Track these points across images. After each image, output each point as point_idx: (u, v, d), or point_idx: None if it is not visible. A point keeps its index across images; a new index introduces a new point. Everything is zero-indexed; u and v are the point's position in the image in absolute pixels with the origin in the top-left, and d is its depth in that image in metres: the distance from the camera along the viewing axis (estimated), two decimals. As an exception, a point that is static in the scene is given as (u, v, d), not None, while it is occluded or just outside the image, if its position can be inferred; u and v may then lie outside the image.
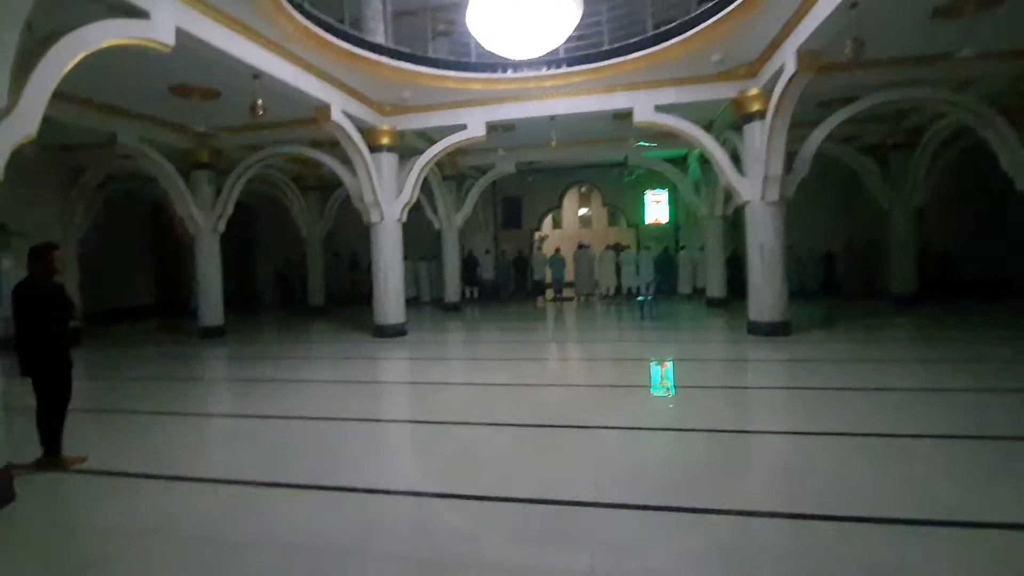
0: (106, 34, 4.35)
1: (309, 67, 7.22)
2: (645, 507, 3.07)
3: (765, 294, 8.05)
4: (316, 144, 10.16)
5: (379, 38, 8.11)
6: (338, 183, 13.90)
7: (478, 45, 8.33)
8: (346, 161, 9.46)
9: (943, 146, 10.31)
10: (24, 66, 3.54)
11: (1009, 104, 7.85)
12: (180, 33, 5.05)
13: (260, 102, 6.44)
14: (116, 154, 9.32)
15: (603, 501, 3.16)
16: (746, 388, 5.94)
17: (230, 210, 10.54)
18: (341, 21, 7.33)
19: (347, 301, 16.27)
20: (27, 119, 3.52)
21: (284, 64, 6.75)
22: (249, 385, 6.71)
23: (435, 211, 13.38)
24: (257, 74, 6.41)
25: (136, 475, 3.82)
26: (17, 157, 3.44)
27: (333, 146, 10.02)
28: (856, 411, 4.65)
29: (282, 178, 13.16)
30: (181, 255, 15.07)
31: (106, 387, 6.75)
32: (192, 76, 7.04)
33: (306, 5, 6.35)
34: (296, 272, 16.86)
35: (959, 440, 3.93)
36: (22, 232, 9.69)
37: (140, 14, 4.66)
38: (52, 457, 3.87)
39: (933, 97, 7.78)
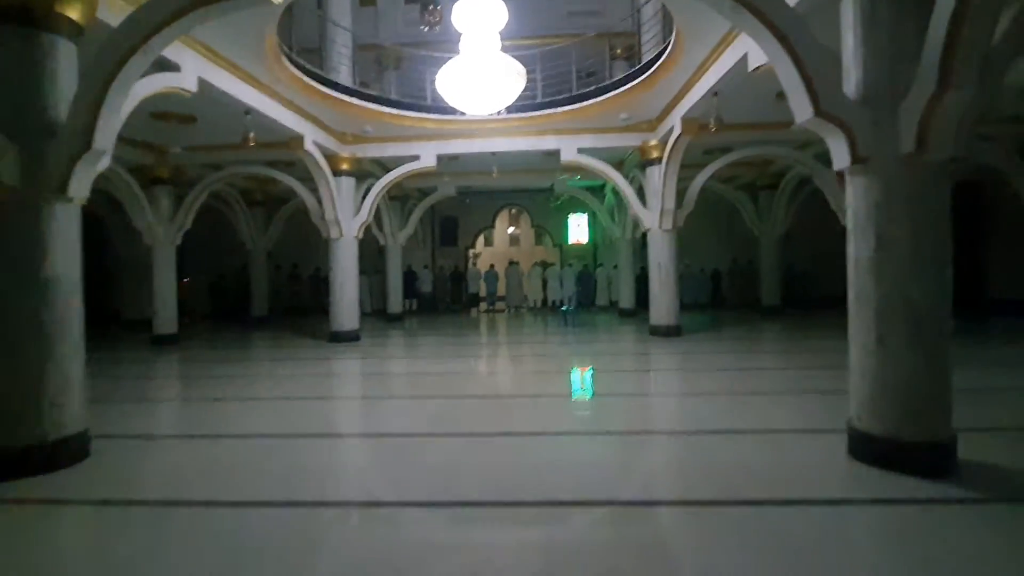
0: (154, 84, 5.47)
1: (288, 103, 8.38)
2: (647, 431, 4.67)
3: (661, 303, 10.09)
4: (271, 164, 11.12)
5: (344, 75, 9.41)
6: (285, 199, 14.86)
7: (431, 86, 9.91)
8: (302, 180, 10.56)
9: (798, 187, 13.07)
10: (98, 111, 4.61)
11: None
12: (201, 81, 6.18)
13: (252, 135, 7.56)
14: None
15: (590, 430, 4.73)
16: (648, 370, 7.78)
17: (189, 223, 11.20)
18: (292, 48, 8.55)
19: (287, 311, 16.91)
20: (104, 149, 4.54)
21: (270, 102, 7.89)
22: (250, 378, 7.64)
23: (380, 228, 14.56)
24: (248, 110, 7.53)
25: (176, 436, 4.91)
26: None
27: (287, 166, 11.06)
28: (717, 380, 6.57)
29: (232, 193, 13.81)
30: (118, 268, 15.00)
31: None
32: (176, 106, 7.96)
33: (293, 55, 7.59)
34: (231, 283, 17.24)
35: (777, 396, 5.90)
36: None
37: (174, 67, 5.77)
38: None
39: (780, 153, 10.26)
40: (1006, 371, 6.79)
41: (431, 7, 5.73)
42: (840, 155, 3.71)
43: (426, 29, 5.72)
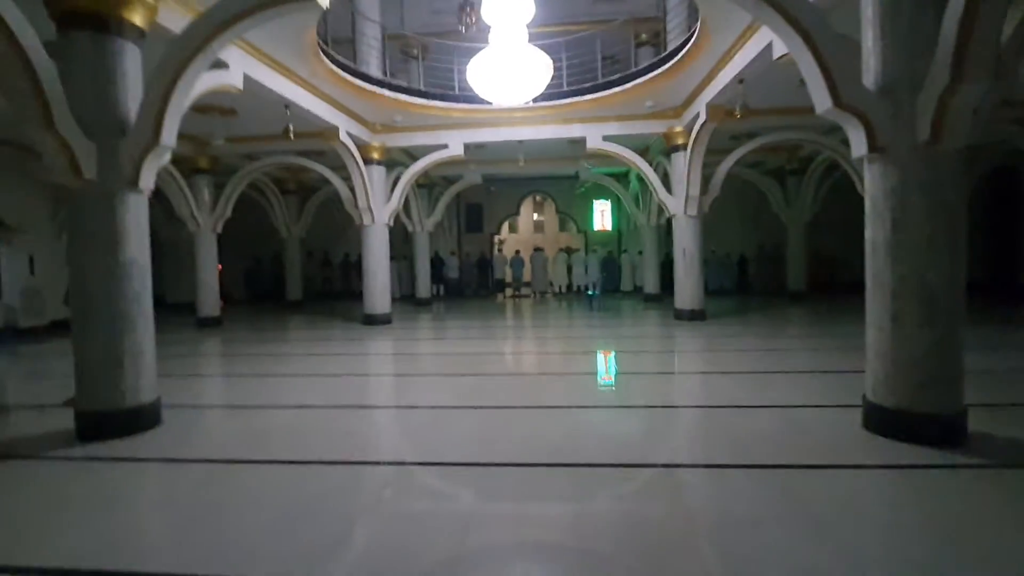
0: (206, 83, 5.85)
1: (323, 96, 8.74)
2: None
3: (686, 288, 10.25)
4: (303, 154, 11.54)
5: (373, 65, 9.73)
6: (316, 188, 15.34)
7: (459, 75, 10.19)
8: (333, 169, 10.99)
9: (826, 172, 12.99)
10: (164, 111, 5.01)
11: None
12: (246, 78, 6.56)
13: (292, 127, 7.95)
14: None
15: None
16: (672, 351, 7.99)
17: (229, 212, 11.74)
18: (327, 41, 8.90)
19: (319, 296, 17.51)
20: (170, 144, 4.94)
21: (307, 95, 8.26)
22: (294, 356, 8.13)
23: (408, 216, 14.95)
24: (288, 104, 7.91)
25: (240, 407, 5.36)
26: (15, 161, 4.50)
27: (317, 155, 11.46)
28: (739, 361, 6.78)
29: (266, 182, 14.33)
30: (160, 253, 15.75)
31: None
32: (219, 100, 8.39)
33: (329, 50, 7.92)
34: (267, 269, 17.92)
35: (797, 375, 6.09)
36: (18, 227, 10.60)
37: (223, 66, 6.16)
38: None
39: (806, 139, 10.25)
40: (1013, 352, 6.86)
41: (467, 8, 5.93)
42: (858, 144, 3.88)
43: (463, 30, 5.94)
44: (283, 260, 16.05)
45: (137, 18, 4.59)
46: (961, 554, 2.48)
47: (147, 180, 4.65)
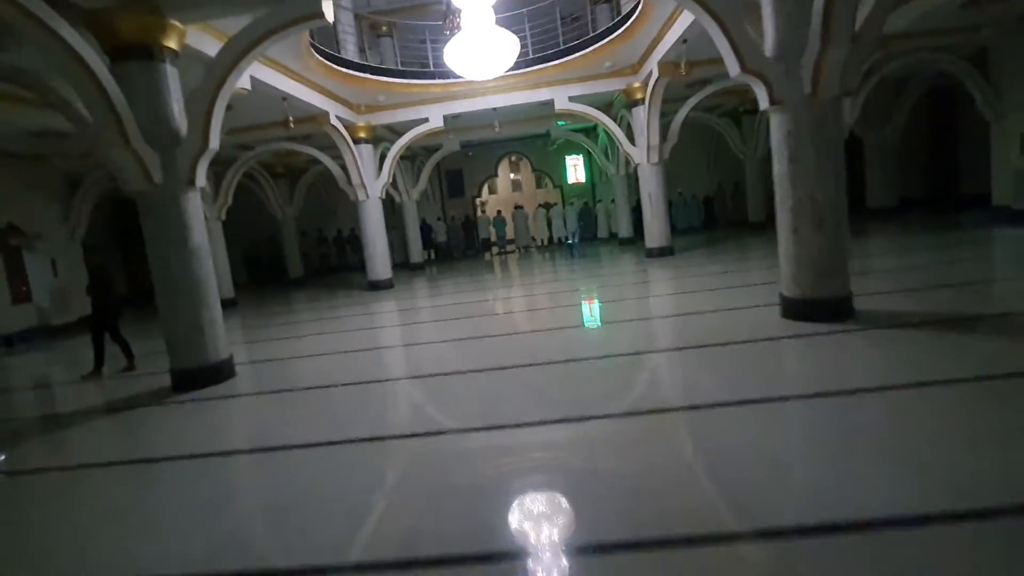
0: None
1: (315, 86, 9.59)
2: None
3: (654, 229, 11.51)
4: (291, 139, 12.35)
5: (351, 50, 10.52)
6: (304, 170, 16.12)
7: (433, 52, 11.06)
8: (323, 150, 11.90)
9: (776, 110, 14.11)
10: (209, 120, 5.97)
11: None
12: (253, 79, 7.45)
13: (291, 118, 8.85)
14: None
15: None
16: (645, 282, 9.30)
17: (230, 200, 12.61)
18: (312, 34, 9.71)
19: (317, 273, 18.52)
20: (216, 148, 5.93)
21: (300, 87, 9.11)
22: (319, 320, 9.28)
23: (395, 187, 15.87)
24: (285, 96, 8.79)
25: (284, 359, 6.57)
26: (24, 171, 5.61)
27: (304, 139, 12.28)
28: (698, 282, 8.10)
29: (258, 168, 15.08)
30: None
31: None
32: (220, 97, 9.22)
33: (315, 43, 8.74)
34: (264, 251, 18.81)
35: (741, 287, 7.43)
36: (38, 234, 11.42)
37: (234, 71, 7.04)
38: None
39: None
40: (922, 253, 8.28)
41: (450, 15, 6.83)
42: (763, 99, 5.06)
43: (448, 33, 6.84)
44: (279, 242, 16.95)
45: (172, 43, 5.50)
46: (840, 378, 3.83)
47: (201, 178, 5.68)
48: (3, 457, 4.25)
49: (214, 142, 5.60)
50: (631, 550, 2.18)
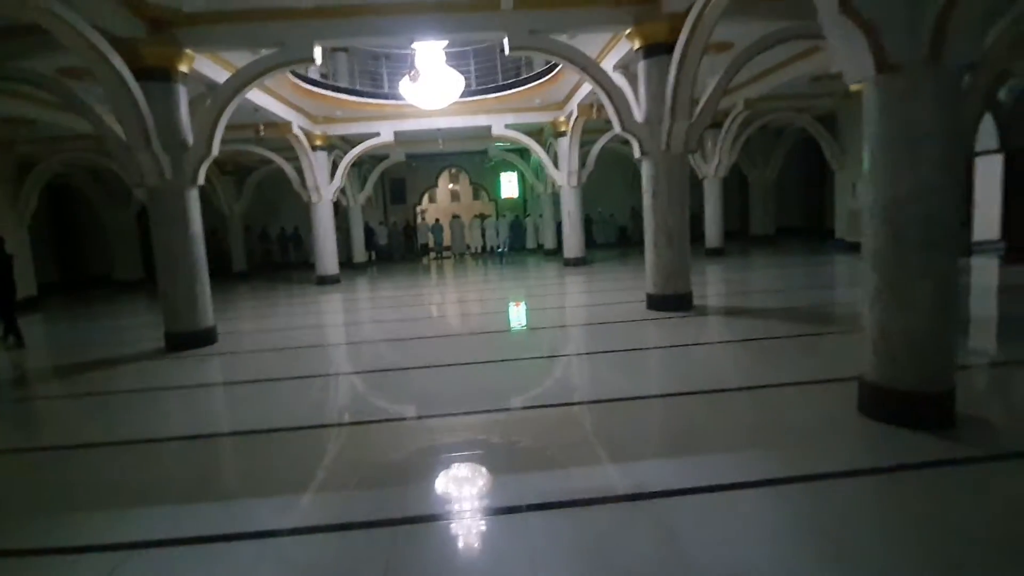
0: (215, 103, 8.06)
1: (281, 98, 10.90)
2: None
3: (572, 242, 13.60)
4: (247, 142, 13.43)
5: (312, 68, 11.90)
6: (253, 168, 17.03)
7: (388, 72, 12.64)
8: (276, 151, 13.12)
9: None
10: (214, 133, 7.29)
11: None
12: (236, 94, 8.74)
13: (262, 127, 10.14)
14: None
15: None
16: (561, 286, 11.27)
17: (186, 193, 13.43)
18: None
19: (260, 268, 19.29)
20: (216, 154, 7.24)
21: (270, 99, 10.42)
22: (279, 307, 10.49)
23: (343, 192, 17.10)
24: (257, 108, 10.08)
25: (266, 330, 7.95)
26: None
27: (258, 142, 13.41)
28: (599, 286, 10.17)
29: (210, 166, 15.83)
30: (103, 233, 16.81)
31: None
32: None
33: (287, 64, 10.11)
34: (208, 245, 19.30)
35: (630, 287, 9.54)
36: None
37: (221, 87, 8.35)
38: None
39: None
40: (768, 270, 10.82)
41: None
42: (636, 150, 7.12)
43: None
44: (221, 236, 17.67)
45: (184, 67, 6.84)
46: (673, 338, 5.85)
47: (201, 178, 7.01)
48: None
49: (216, 149, 6.97)
50: (539, 510, 2.62)
